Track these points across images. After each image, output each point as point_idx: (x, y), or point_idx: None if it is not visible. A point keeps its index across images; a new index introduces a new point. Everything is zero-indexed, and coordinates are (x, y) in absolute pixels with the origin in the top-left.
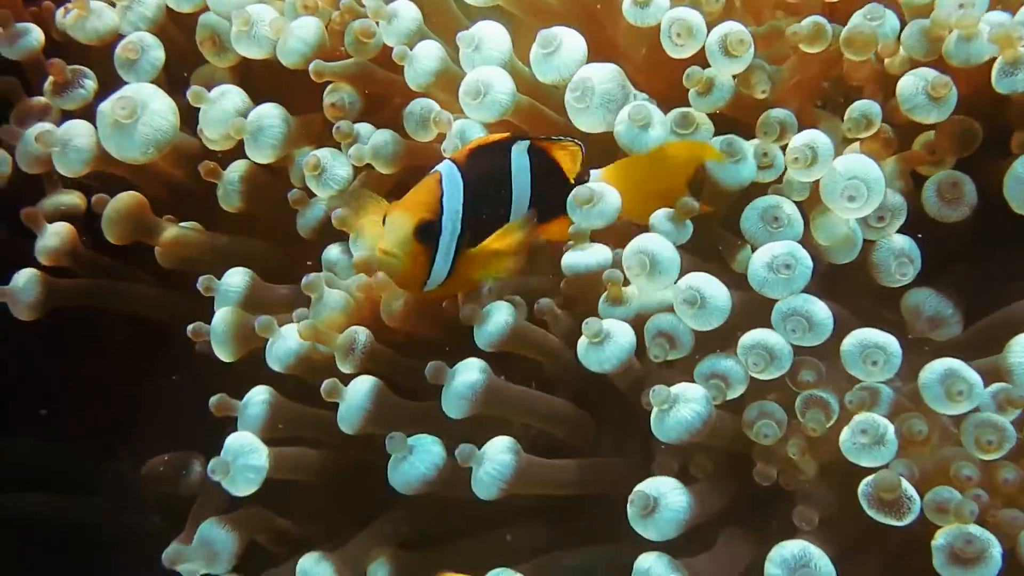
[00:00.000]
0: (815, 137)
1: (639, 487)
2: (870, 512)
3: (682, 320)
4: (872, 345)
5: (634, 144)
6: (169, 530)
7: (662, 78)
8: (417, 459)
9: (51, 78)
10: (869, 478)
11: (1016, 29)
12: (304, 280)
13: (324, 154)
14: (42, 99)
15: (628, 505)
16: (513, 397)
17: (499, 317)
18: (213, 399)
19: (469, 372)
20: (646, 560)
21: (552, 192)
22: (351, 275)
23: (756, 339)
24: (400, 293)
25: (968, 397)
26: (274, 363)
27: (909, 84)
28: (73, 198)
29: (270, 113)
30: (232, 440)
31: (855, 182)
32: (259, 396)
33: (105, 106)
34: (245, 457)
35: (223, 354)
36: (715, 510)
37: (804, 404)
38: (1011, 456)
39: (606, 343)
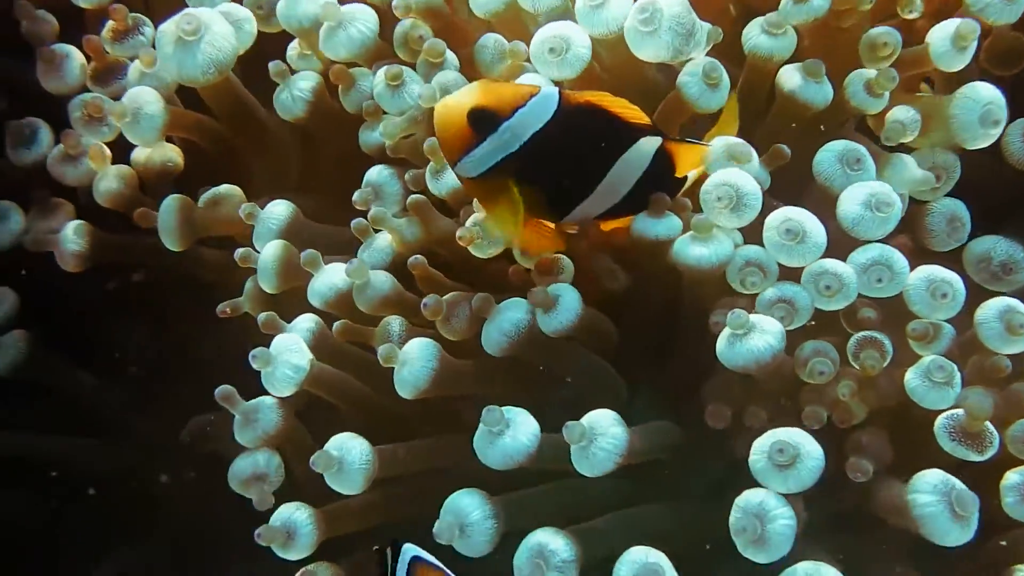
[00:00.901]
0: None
1: None
2: (950, 446)
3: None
4: (939, 279)
5: (699, 100)
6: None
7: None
8: (520, 432)
9: (111, 23)
10: (952, 412)
11: None
12: (353, 223)
13: (404, 68)
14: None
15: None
16: (553, 346)
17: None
18: (262, 316)
19: (516, 310)
20: None
21: (646, 193)
22: (395, 199)
23: (826, 267)
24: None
25: None
26: (315, 298)
27: None
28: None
29: (363, 11)
30: (280, 338)
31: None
32: (305, 323)
33: (167, 26)
34: (288, 354)
35: (268, 286)
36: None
37: (859, 345)
38: None
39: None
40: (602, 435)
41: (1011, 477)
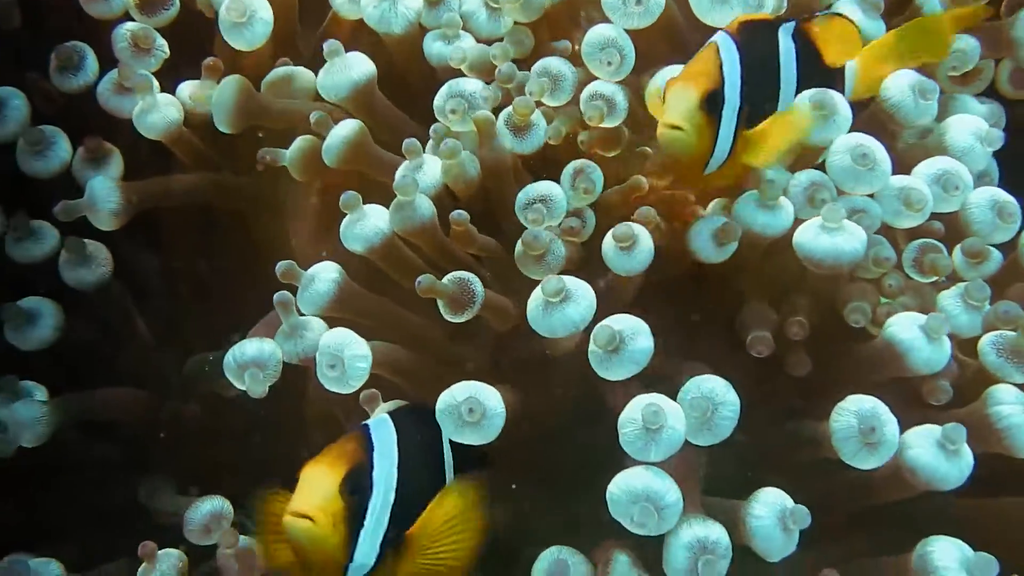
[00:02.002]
0: None
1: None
2: (994, 360)
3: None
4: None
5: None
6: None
7: None
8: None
9: None
10: (997, 332)
11: None
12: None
13: None
14: None
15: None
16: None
17: None
18: (280, 264)
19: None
20: None
21: (815, 82)
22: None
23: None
24: None
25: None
26: (356, 243)
27: None
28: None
29: None
30: (330, 337)
31: None
32: (329, 273)
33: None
34: (351, 348)
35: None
36: None
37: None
38: None
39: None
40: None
41: None
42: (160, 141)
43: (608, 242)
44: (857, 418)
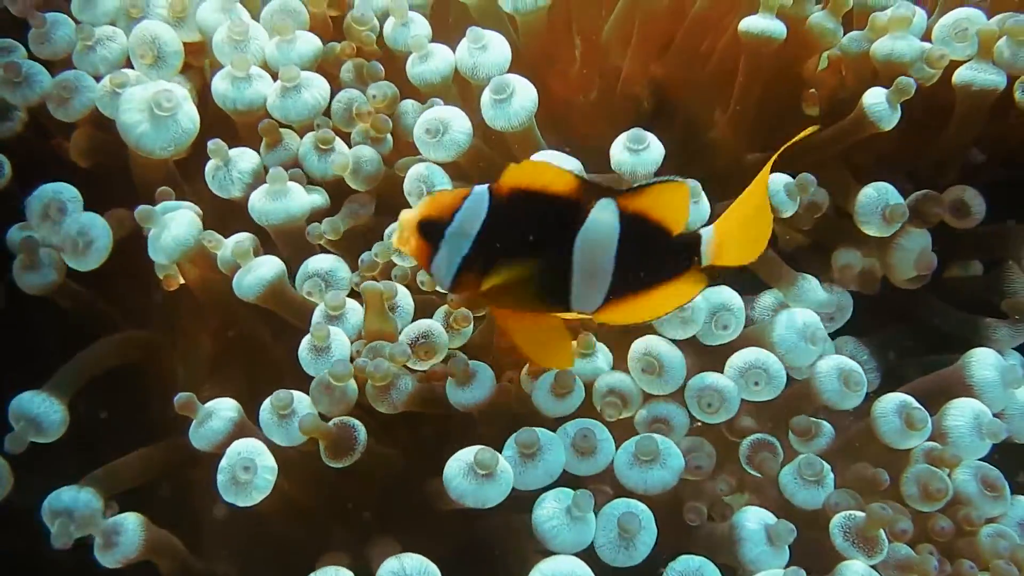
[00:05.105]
0: None
1: None
2: (841, 543)
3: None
4: (850, 369)
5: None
6: None
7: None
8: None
9: None
10: (849, 512)
11: None
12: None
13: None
14: None
15: None
16: None
17: None
18: (180, 396)
19: None
20: None
21: (651, 258)
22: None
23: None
24: None
25: (925, 428)
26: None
27: None
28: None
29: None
30: (243, 444)
31: None
32: (226, 411)
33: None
34: (262, 458)
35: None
36: None
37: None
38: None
39: None
40: None
41: None
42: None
43: None
44: None
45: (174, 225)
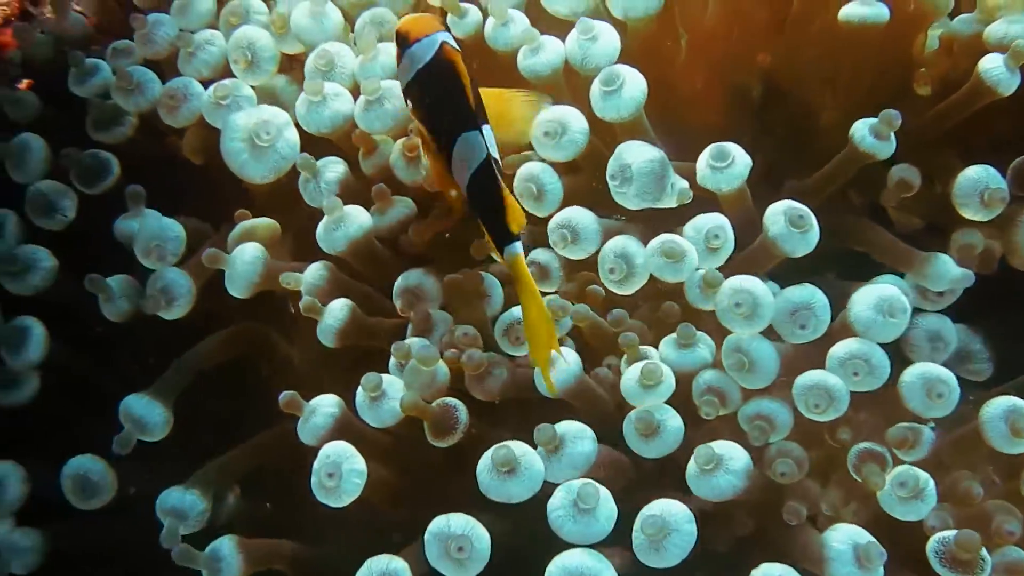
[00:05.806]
0: None
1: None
2: (940, 568)
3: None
4: (936, 378)
5: None
6: None
7: None
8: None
9: None
10: (943, 534)
11: None
12: None
13: None
14: None
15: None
16: None
17: None
18: (284, 395)
19: None
20: None
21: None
22: None
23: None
24: None
25: None
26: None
27: None
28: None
29: None
30: (331, 448)
31: None
32: (327, 408)
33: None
34: (349, 462)
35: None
36: None
37: (859, 457)
38: None
39: None
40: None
41: None
42: None
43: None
44: None
45: (239, 262)
